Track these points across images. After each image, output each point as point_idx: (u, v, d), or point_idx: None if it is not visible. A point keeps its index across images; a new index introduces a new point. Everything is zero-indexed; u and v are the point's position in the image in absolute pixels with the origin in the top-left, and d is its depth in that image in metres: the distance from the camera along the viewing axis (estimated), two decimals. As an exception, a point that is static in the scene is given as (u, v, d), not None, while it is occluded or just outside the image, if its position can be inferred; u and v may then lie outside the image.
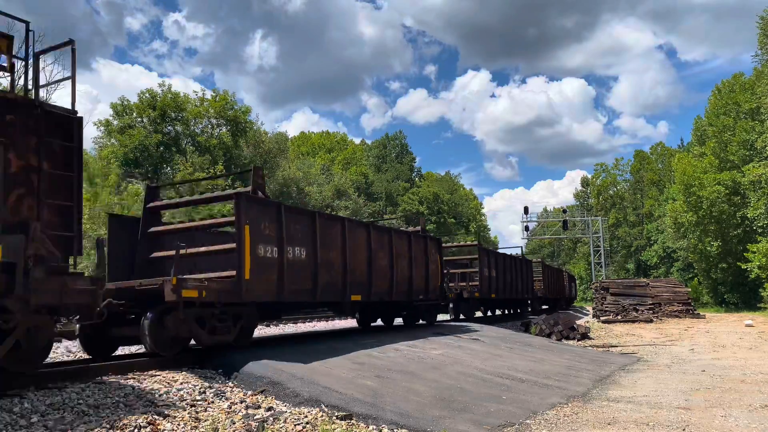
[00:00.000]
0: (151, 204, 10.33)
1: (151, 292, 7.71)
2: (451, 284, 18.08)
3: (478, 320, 21.08)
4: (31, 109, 6.33)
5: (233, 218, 8.87)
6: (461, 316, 21.13)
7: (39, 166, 6.20)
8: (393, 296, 13.24)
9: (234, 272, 8.59)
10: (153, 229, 10.12)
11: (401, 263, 13.64)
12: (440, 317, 19.48)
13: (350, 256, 11.37)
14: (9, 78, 6.72)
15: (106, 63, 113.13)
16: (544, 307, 34.97)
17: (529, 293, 28.16)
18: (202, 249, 9.49)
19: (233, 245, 8.75)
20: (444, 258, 17.50)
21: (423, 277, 14.79)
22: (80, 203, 6.55)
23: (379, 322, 16.10)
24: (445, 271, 17.19)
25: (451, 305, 20.48)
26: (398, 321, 16.17)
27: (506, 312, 27.39)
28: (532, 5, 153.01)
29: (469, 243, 26.79)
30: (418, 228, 16.32)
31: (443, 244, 18.01)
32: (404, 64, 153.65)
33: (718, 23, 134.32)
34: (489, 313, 25.28)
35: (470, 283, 21.39)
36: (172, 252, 8.08)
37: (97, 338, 8.50)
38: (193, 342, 8.47)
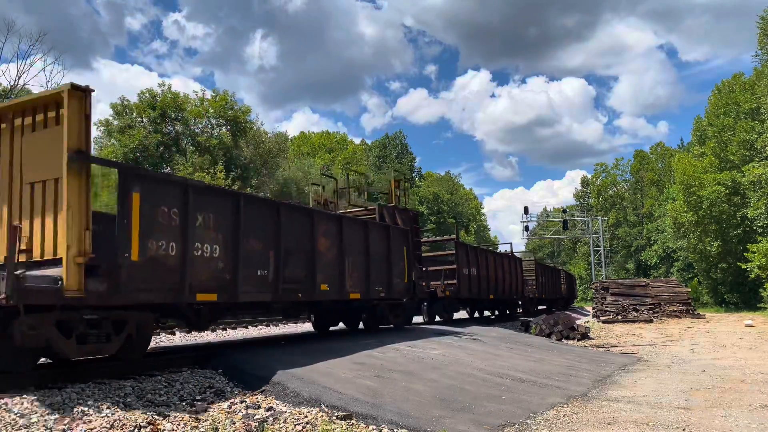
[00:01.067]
0: None
1: None
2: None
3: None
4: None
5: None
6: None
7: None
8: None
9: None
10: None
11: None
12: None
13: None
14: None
15: (106, 63, 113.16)
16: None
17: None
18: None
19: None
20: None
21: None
22: None
23: (340, 325, 14.43)
24: (424, 269, 15.96)
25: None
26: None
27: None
28: (533, 5, 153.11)
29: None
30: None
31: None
32: (404, 64, 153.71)
33: (718, 23, 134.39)
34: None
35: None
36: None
37: None
38: (185, 342, 8.43)
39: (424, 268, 17.02)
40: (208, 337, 15.36)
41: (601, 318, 28.32)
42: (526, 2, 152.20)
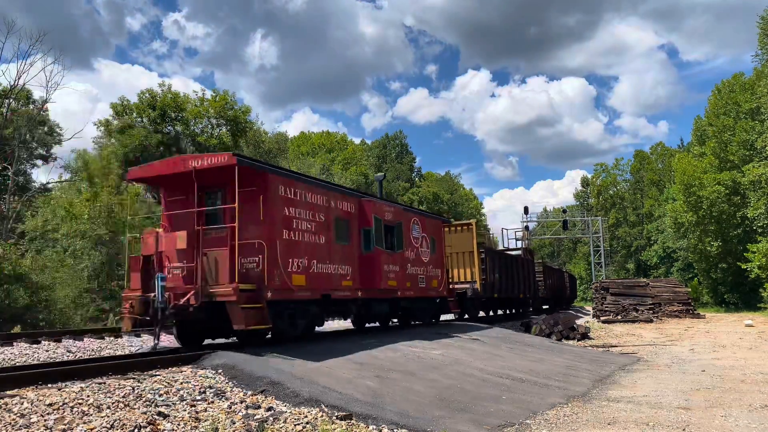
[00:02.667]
0: None
1: None
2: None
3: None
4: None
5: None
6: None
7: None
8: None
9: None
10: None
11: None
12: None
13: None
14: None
15: (107, 63, 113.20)
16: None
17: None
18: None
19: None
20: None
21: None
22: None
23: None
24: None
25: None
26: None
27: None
28: (534, 4, 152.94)
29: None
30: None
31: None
32: (405, 63, 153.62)
33: (719, 23, 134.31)
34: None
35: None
36: None
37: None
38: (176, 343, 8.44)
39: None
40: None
41: (601, 318, 28.31)
42: (527, 2, 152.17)
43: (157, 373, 7.40)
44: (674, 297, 30.97)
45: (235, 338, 11.10)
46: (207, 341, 10.94)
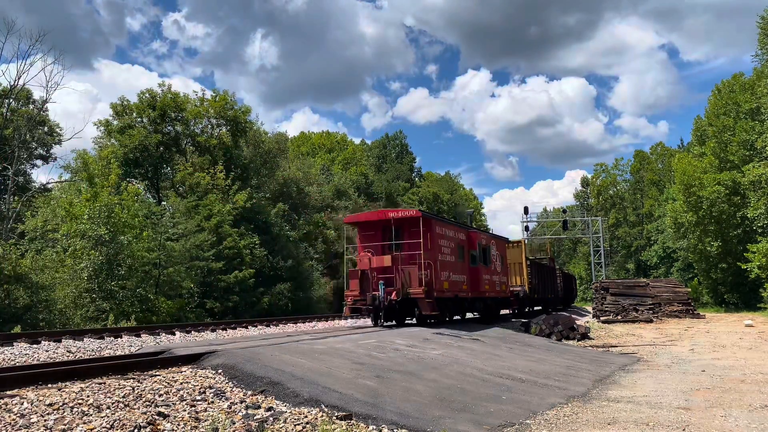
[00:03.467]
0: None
1: None
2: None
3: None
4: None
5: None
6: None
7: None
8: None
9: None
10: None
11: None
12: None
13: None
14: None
15: (108, 63, 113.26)
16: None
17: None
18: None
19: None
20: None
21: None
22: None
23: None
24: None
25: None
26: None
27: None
28: (534, 4, 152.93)
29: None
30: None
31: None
32: (405, 63, 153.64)
33: (720, 23, 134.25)
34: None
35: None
36: None
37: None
38: (185, 342, 8.42)
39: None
40: (208, 337, 15.36)
41: (601, 318, 28.31)
42: (527, 1, 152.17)
43: (157, 373, 7.40)
44: (674, 297, 30.96)
45: (415, 320, 16.98)
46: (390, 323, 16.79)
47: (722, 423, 6.73)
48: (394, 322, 16.75)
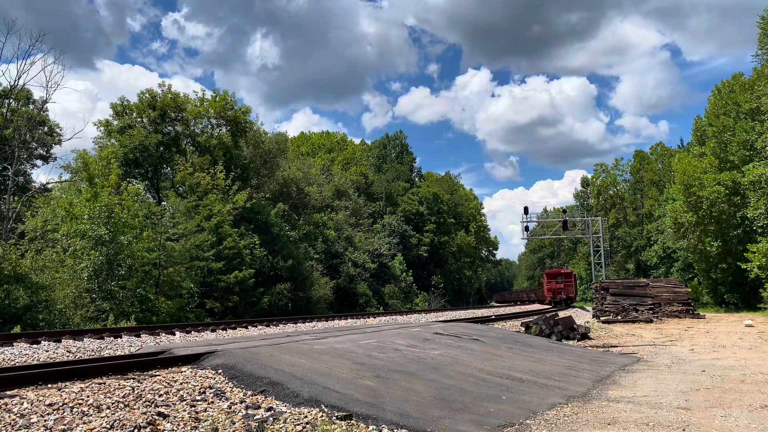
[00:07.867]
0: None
1: None
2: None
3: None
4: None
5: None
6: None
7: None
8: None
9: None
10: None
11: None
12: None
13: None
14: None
15: (109, 63, 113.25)
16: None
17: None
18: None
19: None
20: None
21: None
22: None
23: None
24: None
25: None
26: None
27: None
28: (536, 2, 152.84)
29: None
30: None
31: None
32: (407, 63, 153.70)
33: (723, 22, 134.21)
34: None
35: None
36: None
37: None
38: (185, 342, 8.40)
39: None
40: (208, 337, 15.36)
41: (601, 318, 28.31)
42: (529, 0, 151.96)
43: (157, 373, 7.40)
44: (674, 297, 30.97)
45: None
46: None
47: (722, 423, 6.73)
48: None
